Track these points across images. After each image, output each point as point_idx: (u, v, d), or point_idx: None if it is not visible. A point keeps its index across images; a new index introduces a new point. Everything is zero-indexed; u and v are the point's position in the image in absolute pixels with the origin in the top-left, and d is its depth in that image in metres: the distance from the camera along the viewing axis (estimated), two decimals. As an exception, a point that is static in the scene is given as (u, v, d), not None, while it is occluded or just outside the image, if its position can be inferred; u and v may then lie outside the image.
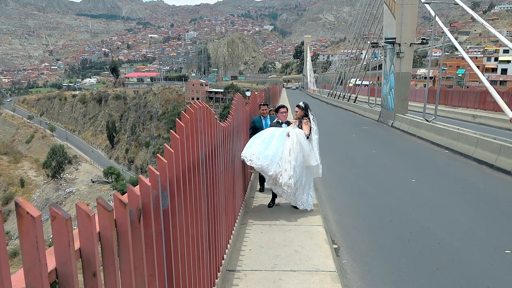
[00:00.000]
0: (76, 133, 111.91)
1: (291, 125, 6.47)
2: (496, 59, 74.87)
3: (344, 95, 41.36)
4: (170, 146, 2.29)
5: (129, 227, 1.63)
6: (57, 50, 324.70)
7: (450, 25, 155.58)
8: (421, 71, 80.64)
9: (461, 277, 4.71)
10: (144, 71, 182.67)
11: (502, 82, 64.83)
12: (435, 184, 9.07)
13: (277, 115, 6.80)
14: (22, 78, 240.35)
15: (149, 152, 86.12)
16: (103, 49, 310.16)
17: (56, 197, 57.03)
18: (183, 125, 2.50)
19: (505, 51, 69.30)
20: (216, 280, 3.68)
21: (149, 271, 1.84)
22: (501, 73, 71.31)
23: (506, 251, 5.38)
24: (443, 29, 17.15)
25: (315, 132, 6.35)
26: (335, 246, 5.59)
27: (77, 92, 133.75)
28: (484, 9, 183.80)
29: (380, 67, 26.32)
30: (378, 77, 29.96)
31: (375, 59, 40.05)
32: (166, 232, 2.14)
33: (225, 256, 4.31)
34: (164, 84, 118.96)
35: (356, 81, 39.27)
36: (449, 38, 16.58)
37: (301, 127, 6.30)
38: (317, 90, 76.46)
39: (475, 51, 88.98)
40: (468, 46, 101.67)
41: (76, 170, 68.66)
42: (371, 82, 36.91)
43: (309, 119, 6.38)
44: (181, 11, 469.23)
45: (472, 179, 9.63)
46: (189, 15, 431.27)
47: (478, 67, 17.54)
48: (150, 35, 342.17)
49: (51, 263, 1.24)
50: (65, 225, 1.23)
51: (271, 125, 6.78)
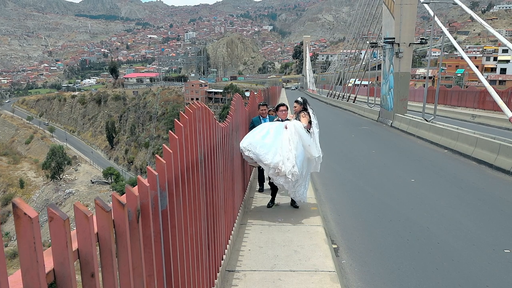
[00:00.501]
0: (76, 134, 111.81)
1: (290, 120, 6.48)
2: (495, 58, 75.01)
3: (344, 95, 41.38)
4: (169, 147, 2.29)
5: (128, 227, 1.63)
6: (56, 51, 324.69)
7: (449, 24, 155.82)
8: (420, 71, 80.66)
9: (460, 276, 4.71)
10: (143, 72, 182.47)
11: (501, 82, 64.91)
12: (435, 184, 9.07)
13: (277, 113, 6.80)
14: (21, 79, 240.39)
15: (148, 153, 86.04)
16: (102, 50, 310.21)
17: (55, 198, 56.98)
18: (182, 125, 2.50)
19: (504, 51, 69.34)
20: (215, 280, 3.68)
21: (148, 272, 1.83)
22: (500, 73, 71.44)
23: (505, 251, 5.39)
24: (442, 29, 17.16)
25: (315, 126, 6.34)
26: (334, 246, 5.59)
27: (76, 93, 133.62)
28: (483, 9, 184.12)
29: (379, 67, 26.35)
30: (377, 77, 29.97)
31: (374, 59, 40.04)
32: (165, 233, 2.14)
33: (224, 256, 4.31)
34: (164, 85, 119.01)
35: (355, 81, 39.27)
36: (448, 37, 16.59)
37: (299, 120, 6.32)
38: (316, 90, 76.58)
39: (474, 51, 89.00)
40: (467, 46, 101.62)
41: (76, 171, 68.59)
42: (370, 82, 36.91)
43: (307, 113, 6.39)
44: (180, 12, 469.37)
45: (471, 179, 9.63)
46: (188, 16, 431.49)
47: (477, 66, 17.52)
48: (149, 36, 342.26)
49: (49, 264, 1.24)
50: (62, 226, 1.23)
51: None
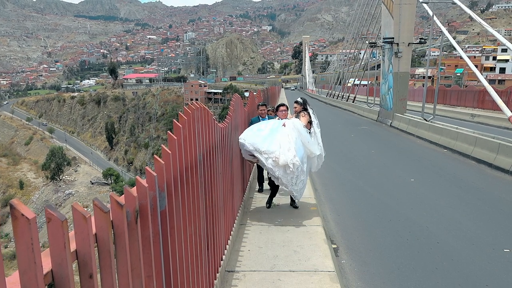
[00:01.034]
0: (75, 135, 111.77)
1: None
2: (494, 58, 75.12)
3: (343, 95, 41.40)
4: (167, 147, 2.29)
5: (126, 228, 1.63)
6: (55, 52, 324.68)
7: (448, 24, 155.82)
8: (420, 71, 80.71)
9: (460, 276, 4.71)
10: (142, 72, 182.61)
11: (500, 81, 65.01)
12: (434, 184, 9.07)
13: (277, 114, 6.80)
14: (21, 80, 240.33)
15: (148, 153, 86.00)
16: (101, 51, 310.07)
17: (55, 199, 56.94)
18: (181, 126, 2.49)
19: (503, 50, 69.47)
20: (215, 280, 3.67)
21: (147, 273, 1.83)
22: (499, 72, 71.58)
23: (505, 250, 5.39)
24: (441, 29, 17.16)
25: (317, 126, 6.34)
26: (334, 246, 5.59)
27: (75, 94, 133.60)
28: (482, 8, 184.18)
29: (379, 66, 26.34)
30: (377, 76, 29.94)
31: (374, 59, 40.03)
32: (164, 233, 2.13)
33: (224, 256, 4.31)
34: (163, 85, 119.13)
35: (354, 81, 39.28)
36: (447, 37, 16.59)
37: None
38: (316, 90, 76.57)
39: (473, 50, 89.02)
40: (466, 45, 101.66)
41: (75, 171, 68.57)
42: (369, 82, 36.92)
43: (307, 113, 6.39)
44: (179, 12, 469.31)
45: (471, 178, 9.63)
46: (188, 16, 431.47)
47: (476, 66, 17.55)
48: (148, 36, 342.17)
49: (47, 264, 1.24)
50: (60, 227, 1.23)
51: None
